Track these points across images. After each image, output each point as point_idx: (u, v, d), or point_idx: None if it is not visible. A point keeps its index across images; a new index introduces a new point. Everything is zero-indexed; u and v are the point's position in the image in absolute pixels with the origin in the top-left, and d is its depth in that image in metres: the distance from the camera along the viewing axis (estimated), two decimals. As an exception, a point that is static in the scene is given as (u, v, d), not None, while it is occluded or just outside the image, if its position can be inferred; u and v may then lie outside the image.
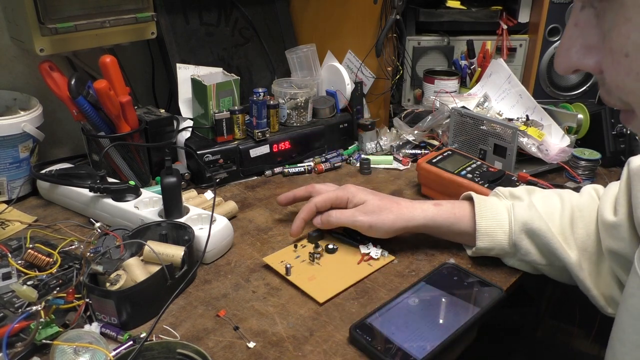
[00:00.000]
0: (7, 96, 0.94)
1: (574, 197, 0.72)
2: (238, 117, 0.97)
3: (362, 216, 0.73)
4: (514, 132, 0.92)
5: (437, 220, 0.73)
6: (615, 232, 0.62)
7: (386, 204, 0.73)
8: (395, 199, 0.76)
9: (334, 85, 1.14)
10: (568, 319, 1.22)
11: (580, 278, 0.66)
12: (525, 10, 1.17)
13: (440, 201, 0.75)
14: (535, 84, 1.19)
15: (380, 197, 0.75)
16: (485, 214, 0.71)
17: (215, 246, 0.74)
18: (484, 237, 0.71)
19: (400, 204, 0.74)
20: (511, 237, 0.70)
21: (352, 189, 0.76)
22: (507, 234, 0.70)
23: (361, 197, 0.74)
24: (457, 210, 0.73)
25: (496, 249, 0.71)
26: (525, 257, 0.70)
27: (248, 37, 1.18)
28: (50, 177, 0.85)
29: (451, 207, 0.74)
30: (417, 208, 0.73)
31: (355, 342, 0.59)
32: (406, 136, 1.09)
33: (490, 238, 0.70)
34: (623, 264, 0.62)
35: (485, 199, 0.73)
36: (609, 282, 0.66)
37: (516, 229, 0.69)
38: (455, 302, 0.65)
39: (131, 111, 0.88)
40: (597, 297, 0.65)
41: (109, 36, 0.92)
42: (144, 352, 0.54)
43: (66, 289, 0.62)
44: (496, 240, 0.70)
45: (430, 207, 0.74)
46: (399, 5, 1.05)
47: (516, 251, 0.71)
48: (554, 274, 0.71)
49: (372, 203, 0.73)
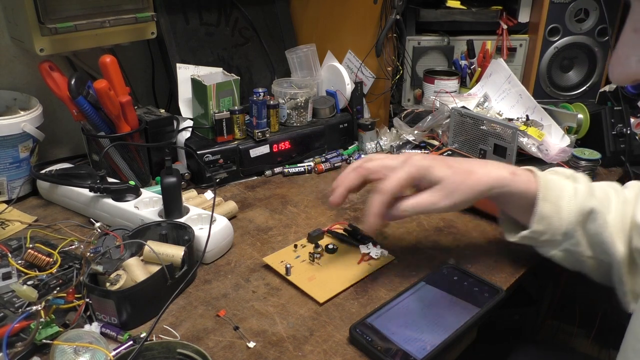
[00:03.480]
0: (7, 96, 0.94)
1: (625, 190, 0.69)
2: (238, 117, 0.97)
3: (443, 201, 0.64)
4: (514, 132, 0.92)
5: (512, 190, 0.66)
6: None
7: (464, 178, 0.64)
8: (469, 165, 0.67)
9: (334, 85, 1.14)
10: (568, 319, 1.22)
11: (621, 272, 0.63)
12: (525, 10, 1.17)
13: (515, 169, 0.68)
14: (535, 84, 1.19)
15: (455, 169, 0.65)
16: (549, 197, 0.66)
17: (215, 246, 0.74)
18: (542, 221, 0.66)
19: (476, 172, 0.65)
20: (567, 225, 0.66)
21: (423, 162, 0.65)
22: (563, 221, 0.66)
23: (436, 174, 0.64)
24: (531, 184, 0.66)
25: (547, 234, 0.67)
26: (574, 247, 0.66)
27: (248, 37, 1.18)
28: (50, 177, 0.85)
29: (526, 178, 0.67)
30: (495, 176, 0.66)
31: (355, 342, 0.59)
32: (406, 136, 1.09)
33: (547, 222, 0.66)
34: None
35: (550, 178, 0.68)
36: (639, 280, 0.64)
37: (573, 218, 0.65)
38: (455, 302, 0.65)
39: (131, 111, 0.88)
40: (627, 294, 0.63)
41: (109, 36, 0.92)
42: (144, 352, 0.55)
43: (66, 289, 0.62)
44: (551, 225, 0.66)
45: (507, 175, 0.66)
46: (399, 5, 1.05)
47: (565, 240, 0.67)
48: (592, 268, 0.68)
49: (450, 181, 0.64)
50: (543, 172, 0.69)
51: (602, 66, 1.19)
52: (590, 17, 1.15)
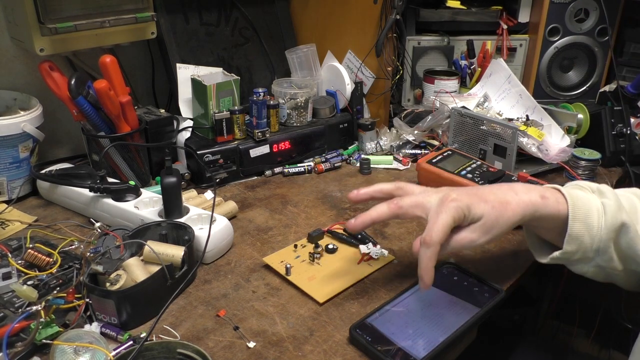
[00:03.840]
0: (7, 96, 0.94)
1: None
2: (238, 117, 0.97)
3: (482, 238, 0.62)
4: (514, 132, 0.92)
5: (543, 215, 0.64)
6: None
7: (501, 212, 0.62)
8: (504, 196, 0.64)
9: (334, 85, 1.14)
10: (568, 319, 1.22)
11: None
12: (525, 10, 1.17)
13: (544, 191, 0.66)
14: (535, 84, 1.19)
15: (492, 203, 0.63)
16: (578, 216, 0.64)
17: (215, 246, 0.74)
18: (573, 241, 0.64)
19: (510, 203, 0.63)
20: (599, 243, 0.64)
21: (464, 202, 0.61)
22: (594, 238, 0.64)
23: (476, 213, 0.62)
24: (560, 207, 0.64)
25: (579, 253, 0.65)
26: (607, 262, 0.65)
27: (248, 37, 1.18)
28: (50, 177, 0.85)
29: (555, 201, 0.65)
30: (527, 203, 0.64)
31: (355, 342, 0.59)
32: (406, 136, 1.09)
33: (579, 242, 0.64)
34: None
35: (578, 196, 0.66)
36: None
37: (604, 236, 0.64)
38: (455, 302, 0.65)
39: (131, 111, 0.88)
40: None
41: (109, 36, 0.92)
42: (144, 352, 0.55)
43: (66, 289, 0.62)
44: (583, 244, 0.64)
45: (538, 200, 0.64)
46: (399, 5, 1.05)
47: (596, 256, 0.65)
48: (623, 280, 0.67)
49: (489, 217, 0.62)
50: (568, 188, 0.67)
51: (602, 66, 1.19)
52: (590, 17, 1.15)
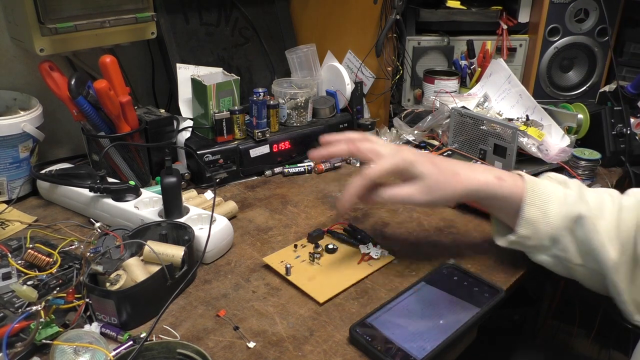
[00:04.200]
0: (7, 96, 0.94)
1: (623, 197, 0.69)
2: (238, 117, 0.97)
3: (420, 196, 0.66)
4: (514, 132, 0.92)
5: (497, 195, 0.67)
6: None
7: (446, 178, 0.66)
8: (455, 167, 0.69)
9: (334, 85, 1.14)
10: (568, 319, 1.22)
11: (614, 281, 0.63)
12: (525, 10, 1.17)
13: (502, 174, 0.68)
14: (535, 84, 1.19)
15: (439, 168, 0.67)
16: (535, 202, 0.66)
17: (215, 246, 0.74)
18: (527, 225, 0.66)
19: (460, 174, 0.67)
20: (555, 231, 0.66)
21: (409, 157, 0.67)
22: (551, 226, 0.66)
23: (419, 169, 0.66)
24: (516, 190, 0.67)
25: (533, 239, 0.67)
26: (562, 253, 0.66)
27: (248, 37, 1.18)
28: (50, 177, 0.85)
29: (512, 184, 0.67)
30: (478, 180, 0.67)
31: (355, 342, 0.59)
32: (406, 136, 1.09)
33: (534, 227, 0.66)
34: None
35: (537, 183, 0.68)
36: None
37: (561, 224, 0.65)
38: (455, 302, 0.65)
39: (131, 111, 0.88)
40: (626, 303, 0.63)
41: (109, 36, 0.92)
42: (144, 352, 0.54)
43: (66, 289, 0.62)
44: (538, 230, 0.66)
45: (493, 180, 0.67)
46: (399, 5, 1.05)
47: (553, 245, 0.67)
48: (584, 277, 0.68)
49: (431, 178, 0.66)
50: (534, 177, 0.69)
51: (602, 66, 1.19)
52: (590, 17, 1.15)
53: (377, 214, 0.87)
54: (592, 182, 0.92)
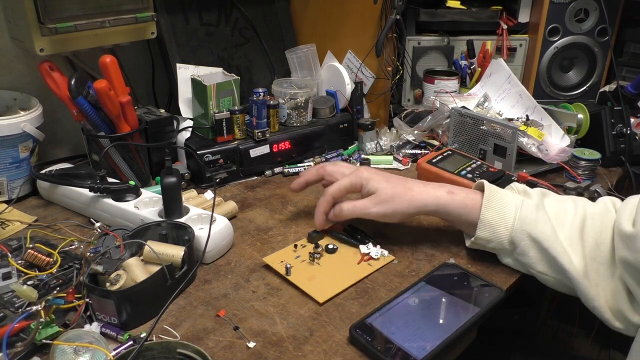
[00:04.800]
0: (7, 96, 0.94)
1: (588, 205, 0.71)
2: (238, 117, 0.97)
3: (374, 207, 0.73)
4: (514, 132, 0.92)
5: (448, 208, 0.72)
6: (631, 243, 0.61)
7: (399, 192, 0.73)
8: (409, 183, 0.75)
9: (334, 85, 1.14)
10: (568, 319, 1.22)
11: (583, 287, 0.64)
12: (525, 10, 1.17)
13: (454, 189, 0.74)
14: (535, 84, 1.19)
15: (393, 184, 0.74)
16: (492, 205, 0.70)
17: (215, 246, 0.74)
18: (485, 228, 0.70)
19: (413, 190, 0.73)
20: (512, 234, 0.69)
21: (365, 174, 0.75)
22: (508, 230, 0.69)
23: (373, 185, 0.74)
24: (469, 202, 0.72)
25: (494, 242, 0.71)
26: (521, 257, 0.69)
27: (248, 37, 1.18)
28: (50, 177, 0.85)
29: (464, 197, 0.73)
30: (430, 195, 0.73)
31: (355, 342, 0.59)
32: (406, 136, 1.09)
33: (492, 230, 0.70)
34: (637, 276, 0.61)
35: (496, 190, 0.73)
36: (618, 294, 0.64)
37: (517, 227, 0.68)
38: (455, 302, 0.65)
39: (131, 111, 0.88)
40: (601, 309, 0.64)
41: (109, 36, 0.92)
42: (144, 352, 0.55)
43: (66, 289, 0.62)
44: (497, 233, 0.70)
45: (444, 194, 0.73)
46: (399, 5, 1.05)
47: (513, 249, 0.70)
48: (555, 286, 0.69)
49: (385, 192, 0.73)
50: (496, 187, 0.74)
51: (602, 66, 1.19)
52: (590, 17, 1.15)
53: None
54: (592, 182, 0.92)
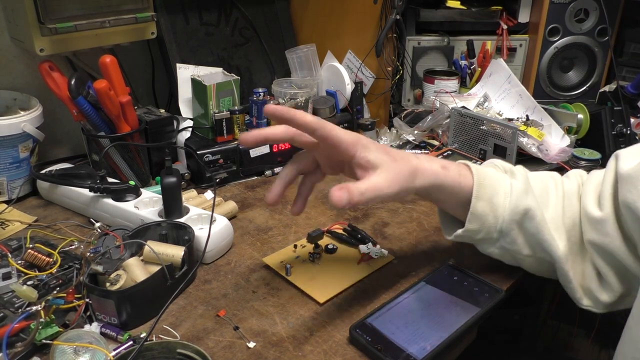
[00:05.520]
0: (7, 96, 0.94)
1: (565, 183, 0.69)
2: (238, 117, 0.97)
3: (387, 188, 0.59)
4: (514, 132, 0.92)
5: (444, 184, 0.65)
6: (600, 227, 0.61)
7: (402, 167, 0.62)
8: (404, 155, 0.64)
9: (334, 85, 1.14)
10: (568, 319, 1.22)
11: (564, 269, 0.64)
12: (525, 10, 1.17)
13: (446, 164, 0.67)
14: (535, 84, 1.19)
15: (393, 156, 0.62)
16: (483, 195, 0.65)
17: (215, 246, 0.74)
18: (476, 220, 0.66)
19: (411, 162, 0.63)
20: (502, 223, 0.66)
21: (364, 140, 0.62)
22: (498, 219, 0.66)
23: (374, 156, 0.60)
24: (462, 179, 0.66)
25: (482, 232, 0.67)
26: (510, 245, 0.67)
27: (248, 37, 1.18)
28: (50, 177, 0.85)
29: (457, 173, 0.66)
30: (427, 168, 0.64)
31: (355, 342, 0.59)
32: (406, 136, 1.09)
33: (482, 221, 0.66)
34: (607, 259, 0.61)
35: (485, 174, 0.66)
36: (587, 274, 0.64)
37: (508, 217, 0.65)
38: (455, 302, 0.65)
39: (131, 111, 0.88)
40: (575, 289, 0.64)
41: (109, 36, 0.92)
42: (144, 352, 0.54)
43: (66, 289, 0.62)
44: (486, 223, 0.66)
45: (439, 169, 0.65)
46: (399, 5, 1.05)
47: (501, 238, 0.67)
48: (532, 266, 0.69)
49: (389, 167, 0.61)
50: (480, 165, 0.68)
51: (602, 66, 1.19)
52: (590, 17, 1.15)
53: (377, 214, 0.87)
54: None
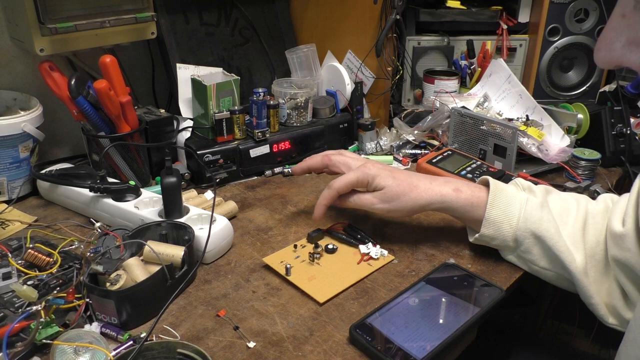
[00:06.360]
0: (7, 96, 0.94)
1: (590, 203, 0.72)
2: (238, 117, 0.97)
3: (380, 204, 0.73)
4: (514, 132, 0.92)
5: (454, 206, 0.72)
6: (621, 242, 0.62)
7: (405, 190, 0.73)
8: (414, 180, 0.74)
9: (334, 85, 1.14)
10: (568, 319, 1.22)
11: (583, 284, 0.65)
12: (525, 10, 1.17)
13: (461, 185, 0.74)
14: (535, 84, 1.19)
15: (399, 182, 0.73)
16: (498, 203, 0.70)
17: (215, 246, 0.74)
18: (490, 226, 0.70)
19: (419, 187, 0.73)
20: (516, 232, 0.69)
21: (372, 172, 0.74)
22: (513, 227, 0.70)
23: (380, 182, 0.73)
24: (474, 199, 0.72)
25: (498, 239, 0.71)
26: (525, 254, 0.70)
27: (248, 37, 1.18)
28: (50, 177, 0.85)
29: (470, 194, 0.72)
30: (436, 193, 0.73)
31: (355, 342, 0.59)
32: (406, 136, 1.09)
33: (496, 228, 0.70)
34: (628, 274, 0.63)
35: (502, 188, 0.72)
36: (613, 292, 0.65)
37: (522, 226, 0.69)
38: (455, 302, 0.65)
39: (131, 111, 0.88)
40: (597, 306, 0.65)
41: (109, 36, 0.92)
42: (144, 352, 0.55)
43: (66, 288, 0.62)
44: (501, 231, 0.70)
45: (450, 192, 0.73)
46: (399, 5, 1.05)
47: (517, 247, 0.71)
48: (553, 280, 0.71)
49: (391, 190, 0.73)
50: (501, 183, 0.74)
51: (602, 66, 1.19)
52: (590, 17, 1.15)
53: (377, 214, 0.87)
54: (592, 182, 0.92)
